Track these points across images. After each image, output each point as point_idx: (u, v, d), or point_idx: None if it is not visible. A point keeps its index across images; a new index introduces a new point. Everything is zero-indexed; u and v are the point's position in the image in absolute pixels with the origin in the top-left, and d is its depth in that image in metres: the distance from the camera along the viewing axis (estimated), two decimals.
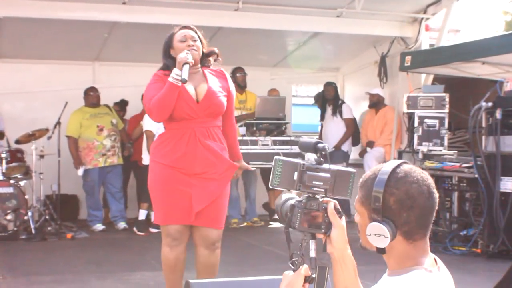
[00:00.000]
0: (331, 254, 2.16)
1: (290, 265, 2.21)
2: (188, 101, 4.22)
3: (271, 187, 2.25)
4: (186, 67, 4.11)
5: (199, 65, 4.37)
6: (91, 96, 9.52)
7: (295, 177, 2.21)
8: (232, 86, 4.51)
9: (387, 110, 10.02)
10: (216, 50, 4.47)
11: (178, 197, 4.23)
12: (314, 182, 2.17)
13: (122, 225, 9.45)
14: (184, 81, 4.08)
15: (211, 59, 4.46)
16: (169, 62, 4.32)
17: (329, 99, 10.60)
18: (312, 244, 2.20)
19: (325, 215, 2.18)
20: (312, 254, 2.18)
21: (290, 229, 2.22)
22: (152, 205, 4.41)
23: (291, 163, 2.23)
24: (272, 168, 2.24)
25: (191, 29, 4.38)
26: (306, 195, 2.22)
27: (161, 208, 4.32)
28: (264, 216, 10.41)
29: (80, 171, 9.30)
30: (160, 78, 4.30)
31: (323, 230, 2.19)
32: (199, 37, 4.36)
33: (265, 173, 9.81)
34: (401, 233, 2.04)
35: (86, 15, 8.66)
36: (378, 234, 2.04)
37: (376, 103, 10.08)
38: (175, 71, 4.14)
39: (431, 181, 2.08)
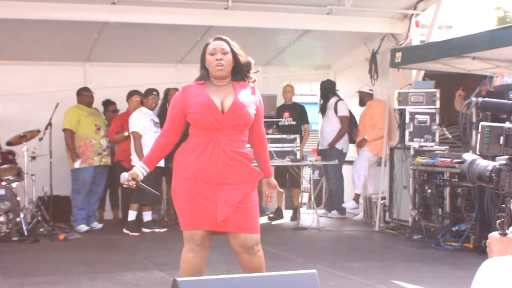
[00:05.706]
0: None
1: (497, 226, 2.30)
2: (213, 112, 4.14)
3: (478, 153, 2.38)
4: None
5: (229, 78, 4.28)
6: (87, 96, 9.50)
7: (501, 142, 2.32)
8: (260, 101, 4.38)
9: (371, 103, 10.13)
10: (252, 61, 4.34)
11: (203, 203, 4.17)
12: None
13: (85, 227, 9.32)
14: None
15: (251, 75, 4.34)
16: (204, 73, 4.26)
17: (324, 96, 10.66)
18: None
19: None
20: None
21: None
22: (177, 213, 4.39)
23: (497, 127, 2.33)
24: (480, 135, 2.33)
25: (224, 40, 4.31)
26: (508, 157, 2.30)
27: (186, 215, 4.25)
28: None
29: (77, 164, 9.18)
30: (180, 99, 4.25)
31: None
32: (232, 49, 4.27)
33: None
34: None
35: (76, 16, 8.65)
36: None
37: (361, 99, 10.32)
38: (137, 168, 4.40)
39: None
